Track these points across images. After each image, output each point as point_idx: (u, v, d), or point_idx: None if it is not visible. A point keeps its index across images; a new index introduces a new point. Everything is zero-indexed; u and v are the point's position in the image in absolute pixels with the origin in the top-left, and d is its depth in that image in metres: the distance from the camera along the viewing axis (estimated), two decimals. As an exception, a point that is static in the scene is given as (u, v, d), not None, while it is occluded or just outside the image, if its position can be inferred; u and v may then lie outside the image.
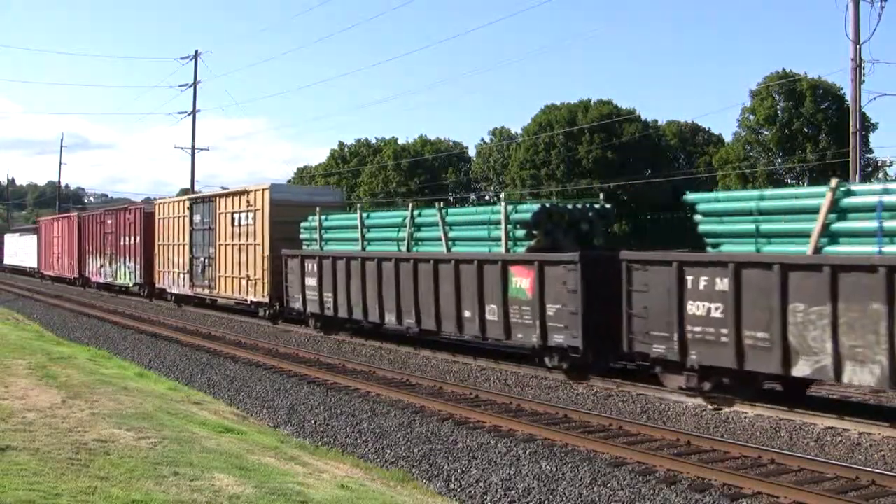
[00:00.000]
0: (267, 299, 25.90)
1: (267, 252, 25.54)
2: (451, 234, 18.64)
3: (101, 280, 42.24)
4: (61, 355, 15.93)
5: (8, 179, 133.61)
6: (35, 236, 59.11)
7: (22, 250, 65.46)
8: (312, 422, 12.84)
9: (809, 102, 55.80)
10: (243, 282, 27.20)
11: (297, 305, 23.67)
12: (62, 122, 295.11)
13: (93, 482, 6.54)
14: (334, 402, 14.21)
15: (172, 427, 9.49)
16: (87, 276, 44.77)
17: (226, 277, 28.68)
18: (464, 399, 14.25)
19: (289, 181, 75.46)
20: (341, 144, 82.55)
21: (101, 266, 42.04)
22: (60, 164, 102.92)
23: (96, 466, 7.08)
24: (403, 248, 19.58)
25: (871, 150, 54.05)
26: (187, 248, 31.89)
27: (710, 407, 13.15)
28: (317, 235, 23.16)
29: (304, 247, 23.82)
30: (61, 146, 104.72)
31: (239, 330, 26.14)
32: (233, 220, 27.96)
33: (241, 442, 9.54)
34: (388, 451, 10.96)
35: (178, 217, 33.02)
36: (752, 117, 58.48)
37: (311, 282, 22.77)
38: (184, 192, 63.02)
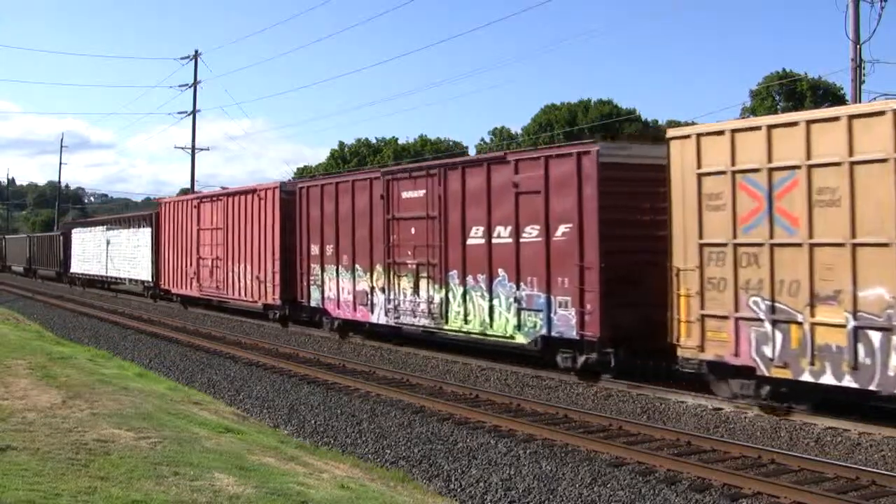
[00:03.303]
0: None
1: None
2: None
3: (377, 319, 20.59)
4: (61, 355, 15.93)
5: (8, 179, 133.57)
6: (147, 230, 36.60)
7: (117, 253, 41.36)
8: (312, 422, 12.84)
9: (809, 102, 55.86)
10: None
11: None
12: (62, 122, 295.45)
13: (93, 482, 6.54)
14: (334, 402, 14.22)
15: (172, 427, 9.49)
16: (322, 306, 22.65)
17: None
18: (464, 399, 14.25)
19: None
20: (341, 144, 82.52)
21: (379, 289, 20.25)
22: (60, 164, 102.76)
23: (96, 466, 7.08)
24: None
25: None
26: None
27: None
28: None
29: None
30: (61, 146, 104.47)
31: (239, 330, 26.13)
32: None
33: (241, 442, 9.54)
34: (388, 451, 10.96)
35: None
36: (751, 117, 58.58)
37: None
38: (184, 192, 62.87)
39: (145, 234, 37.06)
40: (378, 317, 20.47)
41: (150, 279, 36.37)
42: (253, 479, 7.30)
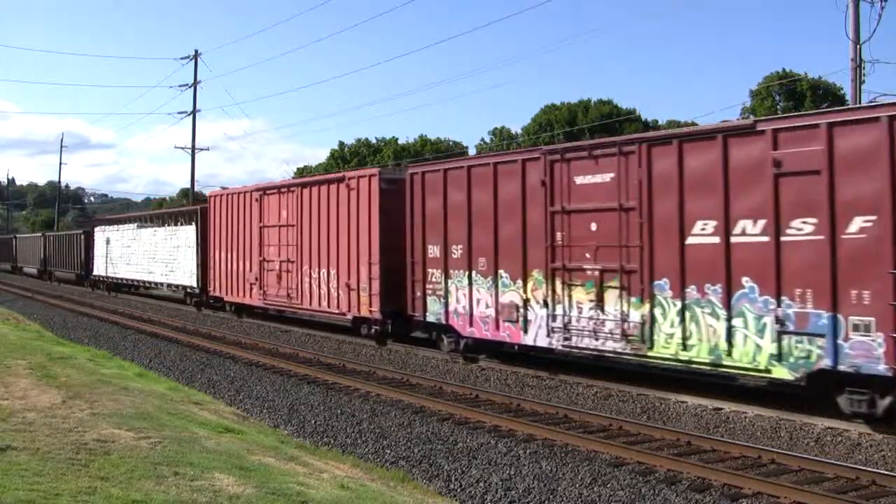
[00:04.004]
0: None
1: None
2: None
3: (534, 339, 16.10)
4: (61, 355, 15.92)
5: (8, 179, 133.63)
6: (191, 228, 32.25)
7: (151, 254, 36.76)
8: (312, 422, 12.84)
9: (809, 102, 55.89)
10: None
11: None
12: (62, 122, 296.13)
13: (93, 482, 6.54)
14: (334, 402, 14.22)
15: (172, 427, 9.49)
16: (445, 321, 18.17)
17: None
18: (464, 399, 14.25)
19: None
20: (341, 144, 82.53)
21: (538, 302, 15.94)
22: (60, 164, 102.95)
23: (96, 466, 7.08)
24: None
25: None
26: None
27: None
28: None
29: None
30: (61, 146, 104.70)
31: (239, 330, 26.12)
32: None
33: (241, 442, 9.54)
34: (389, 451, 10.96)
35: None
36: (752, 117, 58.59)
37: None
38: (184, 192, 62.80)
39: (188, 232, 32.36)
40: (535, 337, 15.92)
41: (194, 285, 31.71)
42: (253, 479, 7.30)
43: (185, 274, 32.81)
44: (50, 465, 6.96)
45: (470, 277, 17.44)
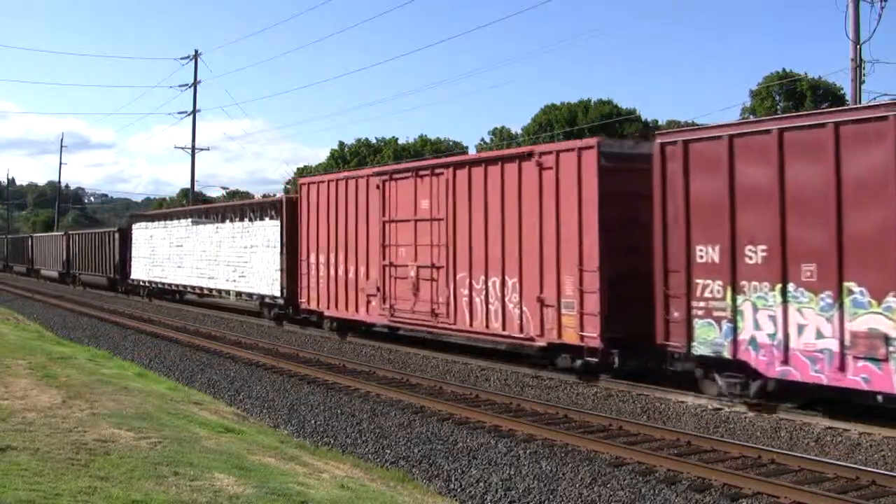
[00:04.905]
0: None
1: None
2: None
3: None
4: (61, 355, 15.92)
5: (8, 179, 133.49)
6: (271, 224, 26.38)
7: (211, 256, 31.09)
8: (312, 422, 12.84)
9: (809, 102, 55.92)
10: None
11: None
12: (62, 122, 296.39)
13: (93, 482, 6.54)
14: (334, 402, 14.22)
15: (172, 427, 9.49)
16: (732, 355, 12.72)
17: None
18: (464, 399, 14.25)
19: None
20: (341, 144, 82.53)
21: None
22: (60, 164, 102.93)
23: (96, 466, 7.08)
24: None
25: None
26: None
27: None
28: None
29: None
30: (61, 146, 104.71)
31: (239, 330, 26.12)
32: None
33: (241, 442, 9.54)
34: (388, 451, 10.96)
35: None
36: (752, 117, 58.60)
37: None
38: (184, 192, 62.74)
39: (268, 228, 26.42)
40: None
41: (276, 294, 25.75)
42: (253, 479, 7.30)
43: (262, 280, 26.84)
44: (50, 465, 6.96)
45: (784, 292, 12.11)
